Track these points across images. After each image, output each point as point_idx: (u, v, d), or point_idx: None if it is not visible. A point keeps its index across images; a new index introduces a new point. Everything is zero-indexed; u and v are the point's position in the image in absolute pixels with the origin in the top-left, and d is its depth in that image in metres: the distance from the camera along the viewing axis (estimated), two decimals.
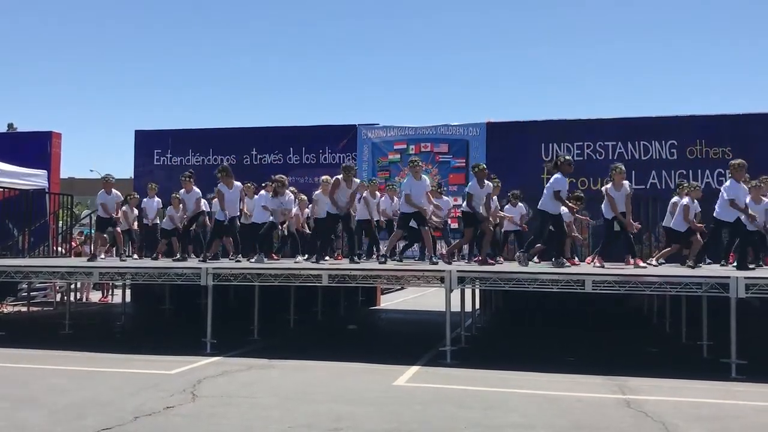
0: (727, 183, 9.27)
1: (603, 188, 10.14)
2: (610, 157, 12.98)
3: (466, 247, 11.52)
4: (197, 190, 11.43)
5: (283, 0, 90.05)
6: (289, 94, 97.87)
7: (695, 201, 10.22)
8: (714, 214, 9.35)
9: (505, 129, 13.82)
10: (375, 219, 11.65)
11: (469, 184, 10.37)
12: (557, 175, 9.34)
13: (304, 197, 12.35)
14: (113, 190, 11.50)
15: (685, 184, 10.68)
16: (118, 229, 12.21)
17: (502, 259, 10.96)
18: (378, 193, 11.95)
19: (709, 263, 10.47)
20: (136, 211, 13.02)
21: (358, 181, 10.73)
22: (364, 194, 11.52)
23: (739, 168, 9.13)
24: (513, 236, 11.79)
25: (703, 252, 10.01)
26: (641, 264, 9.43)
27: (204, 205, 11.79)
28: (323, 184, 11.46)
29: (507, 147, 13.42)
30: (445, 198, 11.98)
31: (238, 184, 11.19)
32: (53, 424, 5.52)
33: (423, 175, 10.47)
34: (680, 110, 20.18)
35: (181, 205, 11.76)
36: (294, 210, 11.62)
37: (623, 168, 9.67)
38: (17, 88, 74.59)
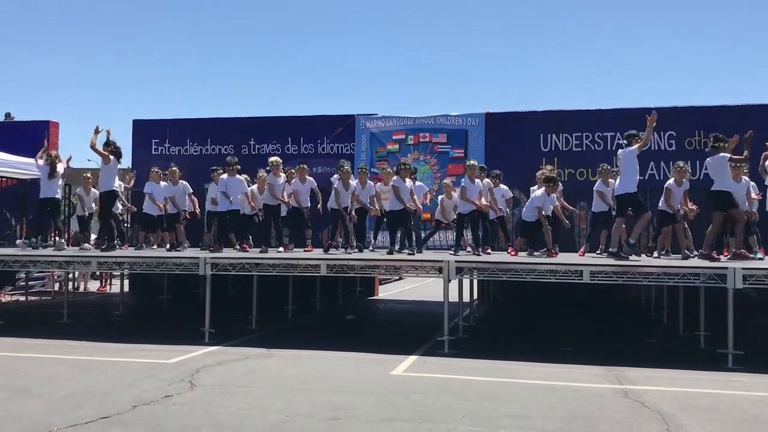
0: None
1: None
2: (609, 148, 12.94)
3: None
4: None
5: None
6: (289, 86, 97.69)
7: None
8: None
9: (503, 119, 13.77)
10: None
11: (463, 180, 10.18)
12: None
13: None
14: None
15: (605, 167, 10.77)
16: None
17: (489, 249, 10.76)
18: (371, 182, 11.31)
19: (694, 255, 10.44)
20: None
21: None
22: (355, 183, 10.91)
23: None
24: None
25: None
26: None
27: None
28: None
29: (506, 137, 13.37)
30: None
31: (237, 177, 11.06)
32: (51, 414, 5.52)
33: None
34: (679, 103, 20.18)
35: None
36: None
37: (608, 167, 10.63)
38: (15, 78, 74.31)
